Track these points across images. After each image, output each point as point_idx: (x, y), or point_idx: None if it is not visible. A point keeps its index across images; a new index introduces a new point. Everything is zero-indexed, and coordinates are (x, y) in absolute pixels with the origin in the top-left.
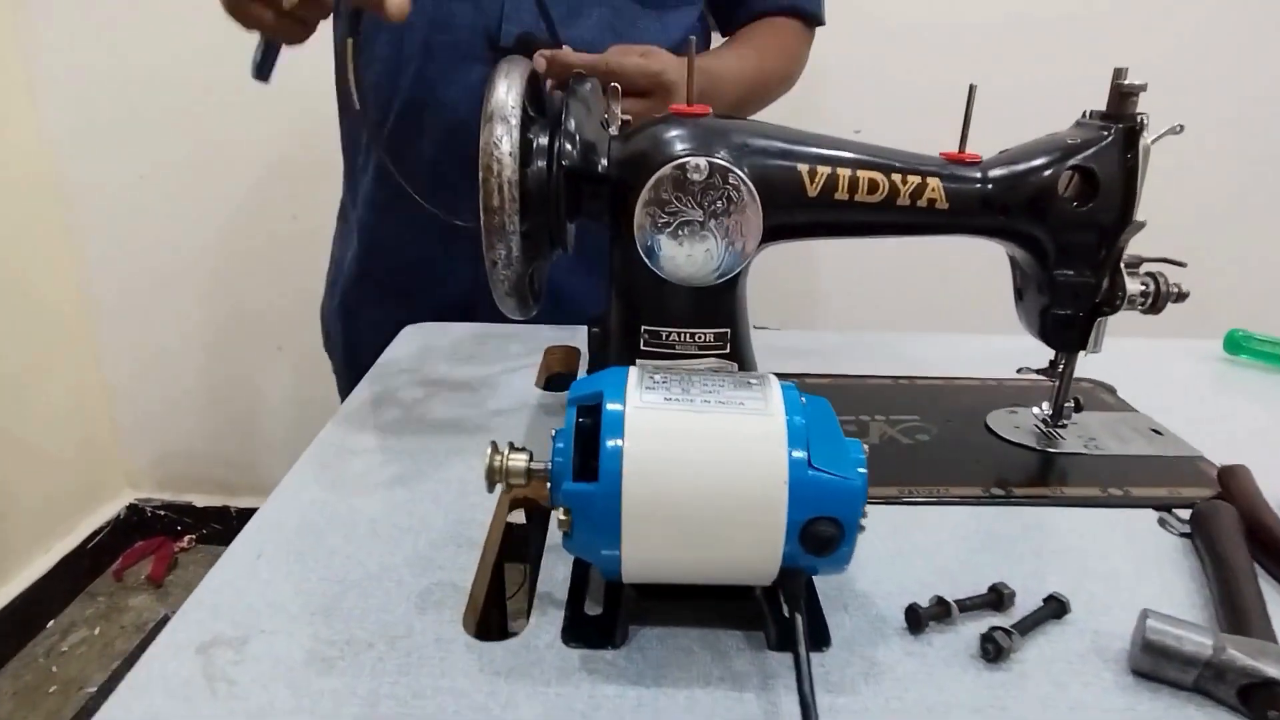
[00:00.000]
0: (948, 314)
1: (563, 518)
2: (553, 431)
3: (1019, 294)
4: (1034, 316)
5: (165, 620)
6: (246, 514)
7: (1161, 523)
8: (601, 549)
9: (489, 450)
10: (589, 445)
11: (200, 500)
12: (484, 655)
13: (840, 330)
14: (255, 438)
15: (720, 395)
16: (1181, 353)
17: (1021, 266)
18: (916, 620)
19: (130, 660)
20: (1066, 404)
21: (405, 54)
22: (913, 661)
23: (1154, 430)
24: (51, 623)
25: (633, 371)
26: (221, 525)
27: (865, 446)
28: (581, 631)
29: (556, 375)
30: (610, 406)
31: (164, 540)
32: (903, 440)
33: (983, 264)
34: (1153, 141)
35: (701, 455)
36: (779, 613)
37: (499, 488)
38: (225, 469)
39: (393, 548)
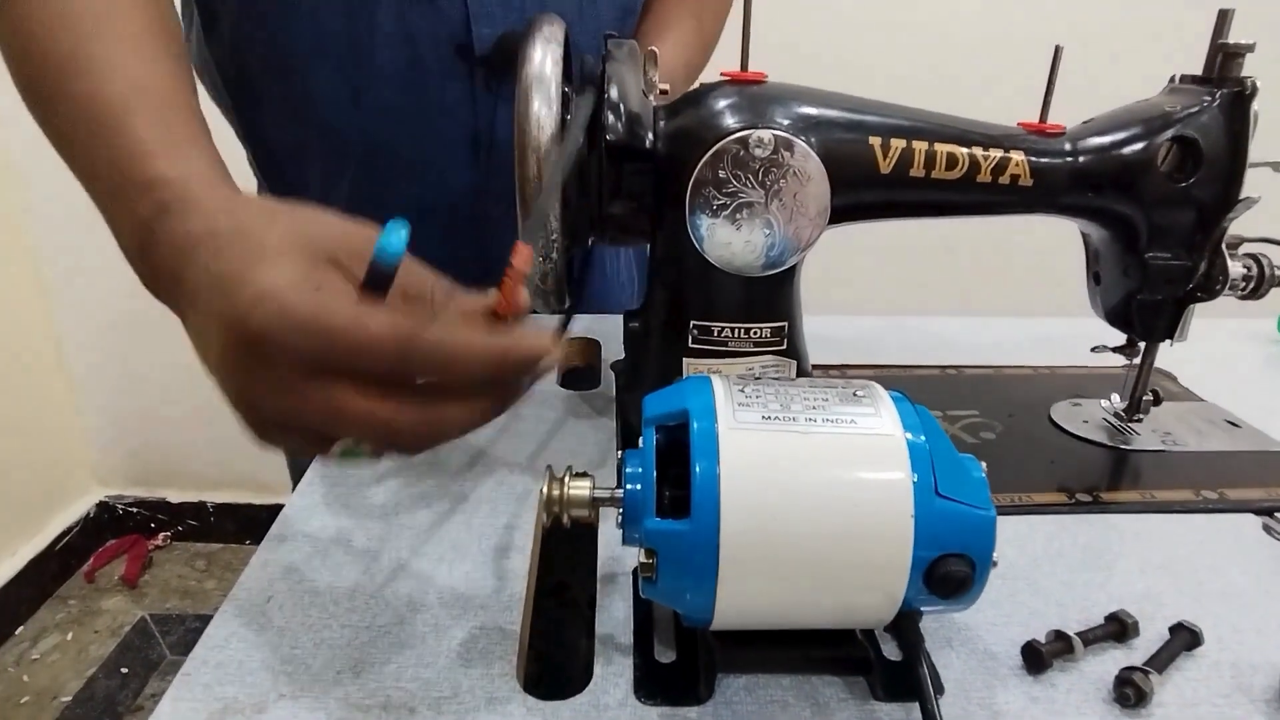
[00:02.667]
0: (974, 296)
1: (645, 560)
2: (619, 454)
3: (1096, 277)
4: (1115, 302)
5: (142, 623)
6: (224, 509)
7: (1267, 529)
8: (691, 595)
9: (546, 477)
10: (669, 472)
11: (175, 496)
12: (547, 717)
13: (873, 314)
14: (230, 430)
15: (826, 412)
16: (1233, 334)
17: (1100, 248)
18: (1038, 660)
19: (107, 666)
20: (1145, 397)
21: (354, 87)
22: (1040, 710)
23: (1230, 422)
24: (20, 629)
25: (717, 383)
26: (198, 521)
27: (984, 464)
28: (657, 685)
29: (575, 370)
30: (699, 427)
31: (137, 538)
32: (968, 439)
33: (1019, 244)
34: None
35: (811, 484)
36: (884, 656)
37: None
38: (200, 462)
39: (424, 584)
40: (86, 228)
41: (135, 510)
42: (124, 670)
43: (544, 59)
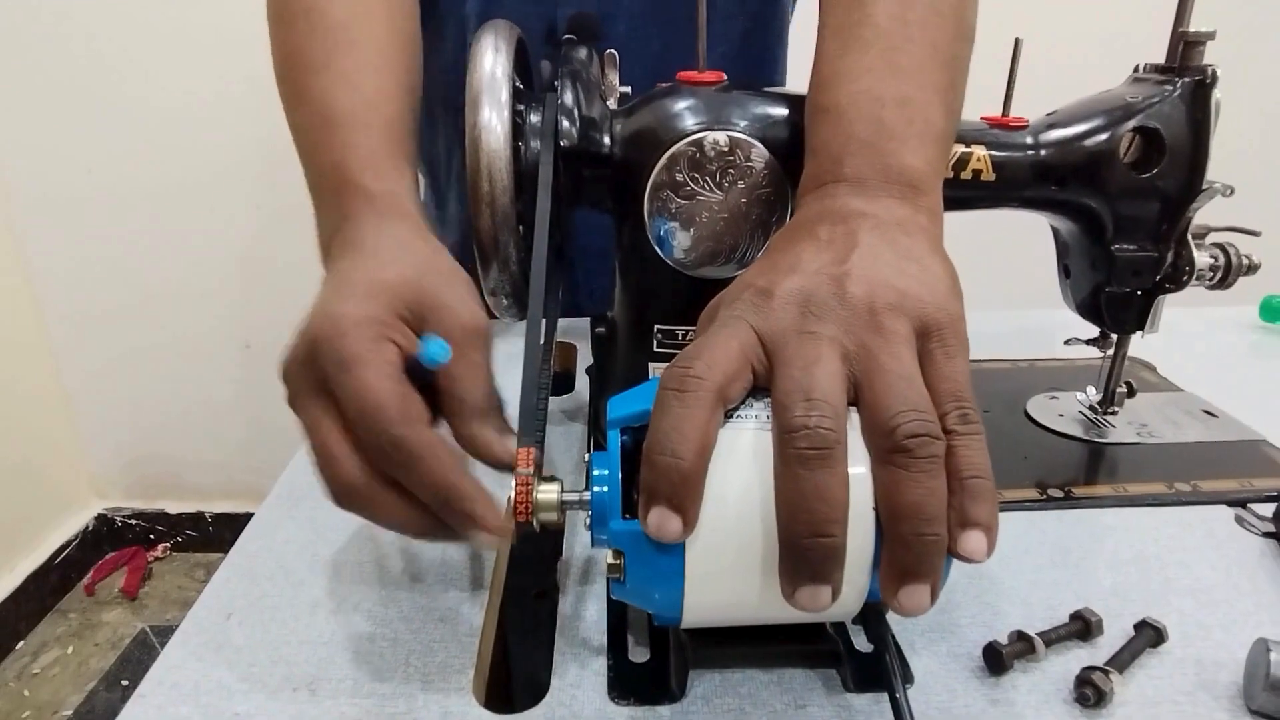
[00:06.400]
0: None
1: (613, 561)
2: (585, 456)
3: (1065, 270)
4: (1085, 295)
5: (142, 635)
6: (223, 519)
7: (1239, 521)
8: (659, 594)
9: (513, 481)
10: (635, 473)
11: (173, 507)
12: None
13: None
14: (227, 440)
15: None
16: (1215, 322)
17: (1069, 241)
18: (998, 661)
19: (107, 679)
20: (1119, 389)
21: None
22: (999, 712)
23: (1207, 412)
24: (21, 644)
25: None
26: (197, 531)
27: None
28: (631, 685)
29: (554, 375)
30: None
31: (137, 550)
32: None
33: (991, 236)
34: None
35: (771, 480)
36: (855, 649)
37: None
38: (197, 473)
39: (385, 597)
40: (80, 240)
41: (134, 522)
42: (124, 683)
43: (493, 65)
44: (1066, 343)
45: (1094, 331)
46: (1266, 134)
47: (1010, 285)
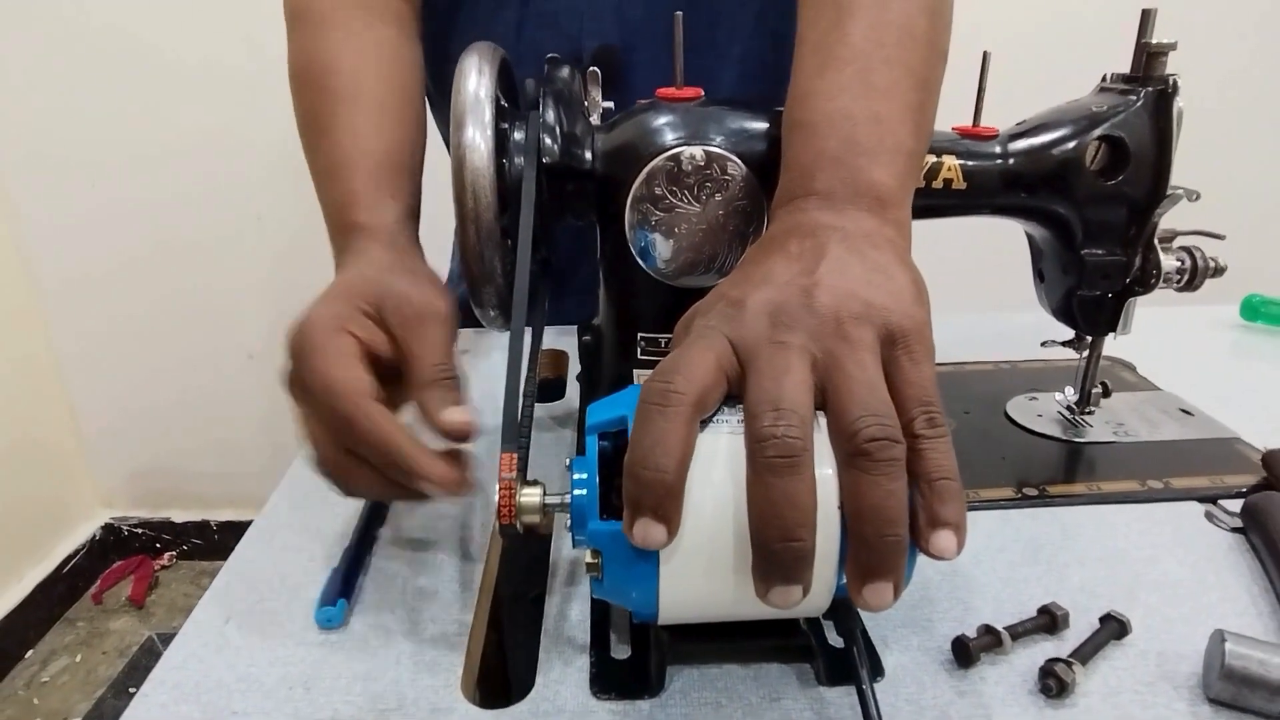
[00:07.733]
0: (936, 293)
1: (591, 560)
2: (567, 461)
3: (1039, 274)
4: (1058, 298)
5: (149, 643)
6: (228, 527)
7: (1209, 517)
8: (635, 592)
9: (497, 486)
10: (615, 480)
11: (179, 515)
12: None
13: None
14: (231, 449)
15: None
16: (1196, 321)
17: (1042, 246)
18: (966, 654)
19: (115, 687)
20: (1094, 389)
21: None
22: (967, 703)
23: (1183, 410)
24: (30, 652)
25: None
26: (202, 540)
27: None
28: (612, 680)
29: (545, 381)
30: None
31: (143, 559)
32: None
33: (973, 240)
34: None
35: (743, 482)
36: (827, 643)
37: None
38: (203, 482)
39: (378, 598)
40: (84, 251)
41: (140, 531)
42: (132, 690)
43: (477, 86)
44: (1043, 345)
45: (1069, 333)
46: (1232, 140)
47: (992, 289)
